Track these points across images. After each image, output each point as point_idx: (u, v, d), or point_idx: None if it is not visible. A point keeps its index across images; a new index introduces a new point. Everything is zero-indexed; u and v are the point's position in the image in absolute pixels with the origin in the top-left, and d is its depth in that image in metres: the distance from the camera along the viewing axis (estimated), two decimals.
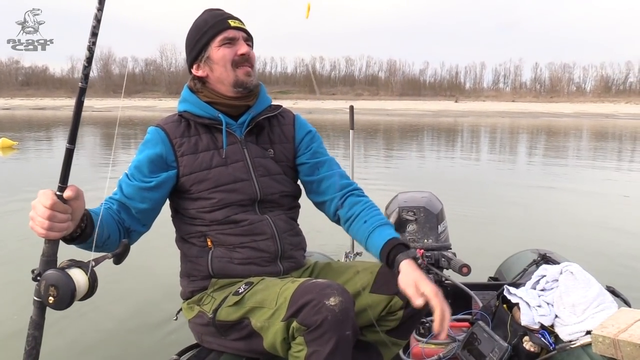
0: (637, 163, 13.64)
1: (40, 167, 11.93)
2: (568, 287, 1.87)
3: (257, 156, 1.84)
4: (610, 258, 4.68)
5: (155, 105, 73.53)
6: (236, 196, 1.76)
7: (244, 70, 1.78)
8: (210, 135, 1.80)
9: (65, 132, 24.36)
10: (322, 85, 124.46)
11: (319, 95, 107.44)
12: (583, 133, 27.61)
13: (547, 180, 9.87)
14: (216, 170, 1.76)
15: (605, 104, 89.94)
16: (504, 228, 5.93)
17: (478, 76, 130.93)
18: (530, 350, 1.81)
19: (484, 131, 29.04)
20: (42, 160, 13.31)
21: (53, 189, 1.29)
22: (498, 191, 8.69)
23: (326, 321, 1.44)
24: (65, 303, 1.27)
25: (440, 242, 2.49)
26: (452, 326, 2.09)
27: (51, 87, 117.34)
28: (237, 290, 1.67)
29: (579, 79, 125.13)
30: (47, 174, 9.66)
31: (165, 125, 1.80)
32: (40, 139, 20.22)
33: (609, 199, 7.98)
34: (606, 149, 17.80)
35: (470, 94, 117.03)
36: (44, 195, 1.28)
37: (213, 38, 1.76)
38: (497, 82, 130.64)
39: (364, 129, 26.42)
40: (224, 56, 1.76)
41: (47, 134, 23.13)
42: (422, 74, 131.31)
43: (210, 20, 1.79)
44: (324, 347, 1.46)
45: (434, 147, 18.74)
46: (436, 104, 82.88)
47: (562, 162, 13.48)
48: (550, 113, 61.83)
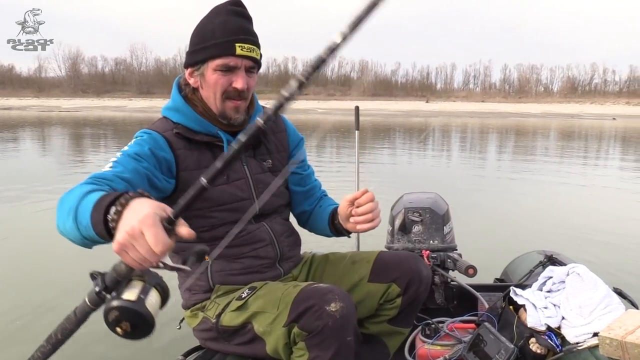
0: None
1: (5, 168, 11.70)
2: (575, 288, 1.87)
3: (257, 172, 1.80)
4: (617, 259, 4.71)
5: (125, 105, 72.52)
6: (237, 215, 1.71)
7: (233, 104, 1.67)
8: (210, 151, 1.71)
9: (33, 132, 23.95)
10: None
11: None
12: (551, 133, 28.07)
13: (553, 181, 9.92)
14: (217, 189, 1.68)
15: (572, 104, 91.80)
16: (510, 229, 5.95)
17: (449, 77, 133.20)
18: (536, 352, 1.81)
19: (454, 131, 29.29)
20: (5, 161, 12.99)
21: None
22: (504, 192, 8.75)
23: (327, 327, 1.44)
24: (139, 337, 1.09)
25: (446, 243, 2.49)
26: (458, 327, 2.09)
27: (17, 87, 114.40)
28: (241, 295, 1.66)
29: (546, 80, 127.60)
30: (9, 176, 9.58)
31: (165, 133, 1.65)
32: (6, 140, 19.71)
33: (617, 200, 8.08)
34: (604, 149, 18.12)
35: (441, 95, 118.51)
36: (156, 237, 0.99)
37: (212, 59, 1.61)
38: (468, 82, 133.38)
39: (336, 129, 26.42)
40: (216, 83, 1.63)
41: (14, 135, 22.56)
42: (393, 75, 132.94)
43: (218, 34, 1.59)
44: (325, 352, 1.47)
45: (406, 146, 18.84)
46: (407, 104, 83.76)
47: (556, 161, 13.60)
48: (518, 113, 62.85)
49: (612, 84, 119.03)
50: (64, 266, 4.49)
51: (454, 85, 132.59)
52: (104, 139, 20.89)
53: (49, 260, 4.70)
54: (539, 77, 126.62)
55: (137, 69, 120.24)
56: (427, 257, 2.31)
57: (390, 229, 2.61)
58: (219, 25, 1.59)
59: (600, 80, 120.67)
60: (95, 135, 22.03)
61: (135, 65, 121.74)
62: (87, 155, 14.20)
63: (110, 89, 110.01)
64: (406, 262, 1.81)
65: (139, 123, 31.56)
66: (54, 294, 3.79)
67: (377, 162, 13.01)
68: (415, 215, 2.54)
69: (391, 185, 8.06)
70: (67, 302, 3.46)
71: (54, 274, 4.34)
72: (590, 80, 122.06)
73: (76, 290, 3.74)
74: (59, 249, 5.00)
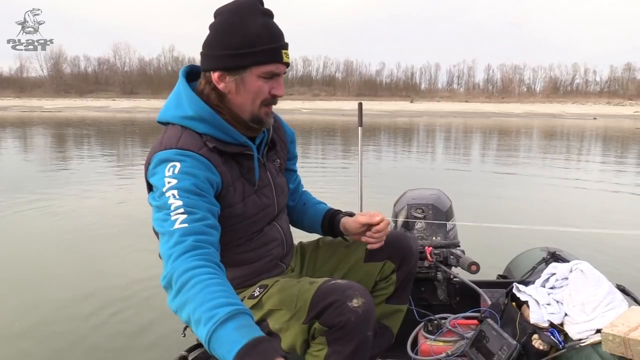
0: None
1: None
2: (578, 285, 1.87)
3: (275, 176, 1.78)
4: (621, 256, 4.76)
5: (109, 106, 71.85)
6: (259, 224, 1.70)
7: (267, 109, 1.60)
8: (237, 162, 1.63)
9: (14, 132, 23.63)
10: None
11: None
12: (533, 131, 28.32)
13: (554, 177, 10.11)
14: (248, 200, 1.63)
15: (554, 104, 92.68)
16: (512, 226, 5.98)
17: (433, 77, 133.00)
18: (539, 349, 1.81)
19: (438, 130, 29.46)
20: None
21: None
22: (507, 189, 8.84)
23: (350, 322, 1.45)
24: None
25: (449, 239, 2.50)
26: (460, 324, 2.10)
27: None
28: (252, 294, 1.65)
29: (529, 80, 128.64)
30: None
31: (201, 151, 1.51)
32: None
33: (620, 196, 8.22)
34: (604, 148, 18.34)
35: (426, 95, 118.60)
36: None
37: (259, 65, 1.52)
38: (452, 82, 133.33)
39: (321, 129, 26.42)
40: (259, 90, 1.55)
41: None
42: (378, 75, 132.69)
43: (265, 39, 1.50)
44: (345, 347, 1.48)
45: (394, 145, 18.92)
46: (392, 104, 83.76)
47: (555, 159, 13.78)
48: (501, 113, 63.36)
49: (593, 84, 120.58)
50: (44, 270, 4.51)
51: (438, 85, 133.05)
52: (87, 139, 20.70)
53: (28, 266, 4.67)
54: (522, 78, 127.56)
55: (121, 69, 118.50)
56: (430, 254, 2.32)
57: (393, 225, 2.62)
58: (264, 30, 1.50)
59: (582, 80, 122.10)
60: (79, 136, 21.79)
61: (118, 65, 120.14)
62: (70, 158, 14.03)
63: (94, 89, 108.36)
64: (397, 240, 1.89)
65: (123, 123, 31.34)
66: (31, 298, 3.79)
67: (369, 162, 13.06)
68: (418, 211, 2.56)
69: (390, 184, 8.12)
70: (43, 310, 3.47)
71: (31, 280, 4.30)
72: (571, 80, 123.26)
73: (55, 295, 3.75)
74: (38, 254, 4.99)
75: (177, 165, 1.43)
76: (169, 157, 1.45)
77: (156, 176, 1.45)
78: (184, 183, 1.39)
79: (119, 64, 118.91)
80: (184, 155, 1.46)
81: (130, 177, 9.96)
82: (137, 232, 5.62)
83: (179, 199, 1.36)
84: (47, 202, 7.30)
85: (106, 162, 12.84)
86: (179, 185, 1.38)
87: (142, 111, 55.36)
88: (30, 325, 3.34)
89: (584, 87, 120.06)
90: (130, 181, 9.42)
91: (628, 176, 10.51)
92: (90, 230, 5.88)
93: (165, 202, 1.37)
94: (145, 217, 1.78)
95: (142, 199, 1.64)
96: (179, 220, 1.32)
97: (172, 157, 1.45)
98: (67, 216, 6.61)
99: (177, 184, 1.39)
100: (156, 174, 1.45)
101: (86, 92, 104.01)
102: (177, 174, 1.41)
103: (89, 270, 4.52)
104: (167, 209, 1.35)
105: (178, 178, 1.40)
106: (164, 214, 1.36)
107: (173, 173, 1.41)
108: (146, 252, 4.77)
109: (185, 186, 1.39)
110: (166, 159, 1.45)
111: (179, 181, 1.39)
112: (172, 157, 1.45)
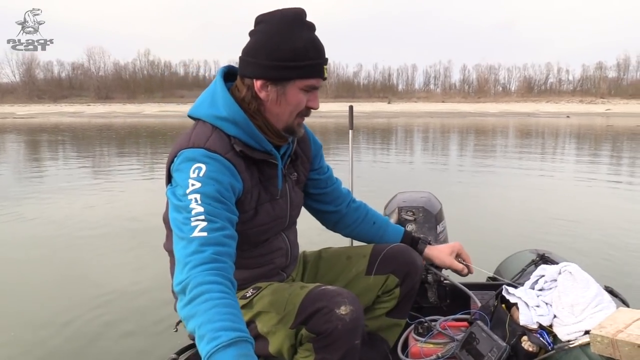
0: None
1: None
2: (567, 287, 1.90)
3: (292, 189, 1.77)
4: (609, 258, 4.83)
5: (84, 111, 70.93)
6: (267, 234, 1.70)
7: (300, 120, 1.63)
8: (258, 168, 1.63)
9: None
10: None
11: None
12: (509, 130, 28.66)
13: (539, 178, 10.29)
14: (261, 208, 1.64)
15: (528, 103, 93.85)
16: (502, 228, 6.09)
17: (410, 78, 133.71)
18: (528, 350, 1.82)
19: (416, 130, 29.67)
20: None
21: None
22: (495, 191, 8.93)
23: (337, 330, 1.45)
24: None
25: (440, 242, 2.52)
26: (450, 326, 2.11)
27: None
28: (245, 295, 1.65)
29: (504, 80, 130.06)
30: None
31: (228, 155, 1.52)
32: None
33: (608, 198, 8.27)
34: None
35: (403, 95, 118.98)
36: None
37: (303, 78, 1.54)
38: (428, 83, 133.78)
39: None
40: (299, 103, 1.58)
41: None
42: (356, 76, 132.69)
43: (312, 54, 1.52)
44: (332, 355, 1.48)
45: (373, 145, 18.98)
46: (370, 105, 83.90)
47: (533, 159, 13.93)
48: (477, 113, 64.06)
49: (566, 83, 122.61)
50: (22, 276, 4.49)
51: (415, 86, 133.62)
52: (62, 145, 20.43)
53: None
54: (497, 78, 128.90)
55: (95, 74, 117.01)
56: None
57: None
58: (311, 44, 1.53)
59: (555, 79, 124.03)
60: (53, 142, 21.49)
61: (93, 70, 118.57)
62: (44, 165, 13.83)
63: (67, 94, 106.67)
64: (401, 254, 1.88)
65: (99, 129, 30.99)
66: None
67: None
68: (408, 214, 2.57)
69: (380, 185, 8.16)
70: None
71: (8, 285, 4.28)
72: (545, 79, 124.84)
73: (36, 302, 3.70)
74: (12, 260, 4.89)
75: (203, 168, 1.44)
76: (196, 157, 1.47)
77: (181, 174, 1.46)
78: (208, 188, 1.41)
79: (93, 69, 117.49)
80: (211, 158, 1.47)
81: (106, 181, 9.81)
82: (112, 236, 5.72)
83: (201, 205, 1.38)
84: (17, 209, 7.28)
85: (78, 167, 12.76)
86: (203, 190, 1.40)
87: (119, 116, 54.86)
88: (10, 331, 3.33)
89: (557, 86, 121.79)
90: (104, 185, 9.30)
91: (622, 178, 10.67)
92: (61, 236, 5.86)
93: (187, 205, 1.39)
94: (119, 221, 1.78)
95: (116, 202, 1.66)
96: (198, 228, 1.35)
97: (198, 158, 1.46)
98: (40, 222, 6.58)
99: (201, 188, 1.41)
100: (181, 171, 1.47)
101: (60, 97, 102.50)
102: (201, 177, 1.43)
103: (69, 275, 4.50)
104: (188, 213, 1.38)
105: (202, 182, 1.42)
106: (184, 217, 1.38)
107: (198, 176, 1.43)
108: (126, 256, 4.87)
109: (209, 192, 1.41)
110: (193, 158, 1.47)
111: (202, 185, 1.41)
112: (199, 158, 1.46)
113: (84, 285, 4.17)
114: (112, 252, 5.16)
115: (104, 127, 34.57)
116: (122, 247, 5.38)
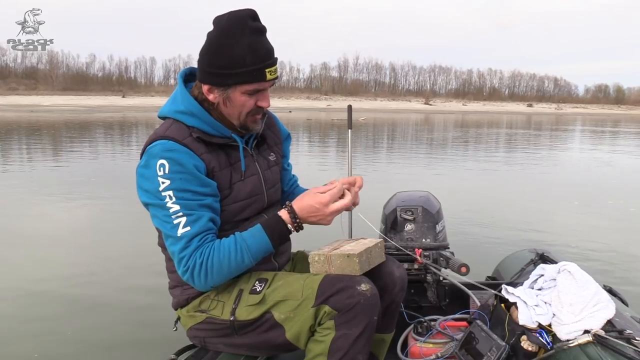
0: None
1: None
2: (566, 286, 1.89)
3: (265, 168, 1.85)
4: (608, 257, 4.82)
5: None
6: (247, 212, 1.76)
7: (254, 118, 1.72)
8: (224, 152, 1.72)
9: None
10: None
11: None
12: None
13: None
14: (235, 186, 1.72)
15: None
16: (501, 227, 6.03)
17: (149, 71, 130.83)
18: (527, 350, 1.83)
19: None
20: None
21: None
22: (493, 192, 8.96)
23: (359, 304, 1.53)
24: None
25: (439, 241, 2.51)
26: (450, 325, 2.11)
27: None
28: (254, 289, 1.68)
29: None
30: None
31: (185, 140, 1.62)
32: None
33: (606, 197, 8.33)
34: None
35: (141, 89, 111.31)
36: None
37: (243, 84, 1.62)
38: (168, 77, 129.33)
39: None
40: (244, 105, 1.67)
41: None
42: (89, 68, 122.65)
43: (249, 60, 1.57)
44: (353, 330, 1.54)
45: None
46: (102, 99, 77.95)
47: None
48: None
49: (300, 81, 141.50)
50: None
51: (154, 79, 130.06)
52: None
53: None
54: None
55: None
56: (420, 255, 2.33)
57: (383, 228, 2.63)
58: (249, 51, 1.57)
59: (289, 77, 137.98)
60: None
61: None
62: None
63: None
64: (380, 265, 1.83)
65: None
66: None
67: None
68: (407, 213, 2.57)
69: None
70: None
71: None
72: (280, 77, 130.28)
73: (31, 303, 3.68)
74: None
75: (166, 165, 1.56)
76: (158, 154, 1.58)
77: (149, 170, 1.59)
78: (177, 183, 1.56)
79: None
80: (169, 151, 1.58)
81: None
82: (112, 235, 5.70)
83: (176, 202, 1.55)
84: None
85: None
86: (173, 186, 1.55)
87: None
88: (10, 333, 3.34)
89: (292, 83, 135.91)
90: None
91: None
92: (61, 235, 5.86)
93: (164, 203, 1.56)
94: (118, 221, 1.78)
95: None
96: (181, 225, 1.55)
97: (160, 154, 1.58)
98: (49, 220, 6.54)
99: (171, 185, 1.55)
100: (149, 168, 1.59)
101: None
102: (167, 173, 1.56)
103: (69, 275, 4.49)
104: (167, 211, 1.56)
105: (170, 178, 1.55)
106: (164, 215, 1.57)
107: (164, 173, 1.56)
108: (125, 255, 4.84)
109: (179, 186, 1.56)
110: (155, 154, 1.58)
111: (172, 182, 1.55)
112: (160, 154, 1.58)
113: (83, 286, 4.17)
114: (111, 252, 5.15)
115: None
116: (121, 246, 5.38)
